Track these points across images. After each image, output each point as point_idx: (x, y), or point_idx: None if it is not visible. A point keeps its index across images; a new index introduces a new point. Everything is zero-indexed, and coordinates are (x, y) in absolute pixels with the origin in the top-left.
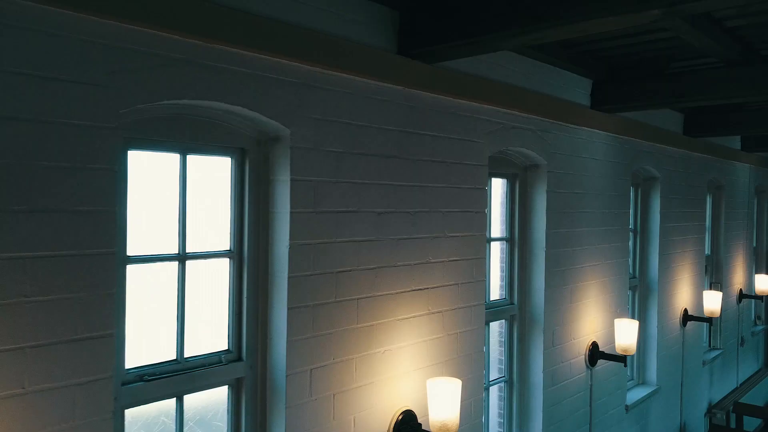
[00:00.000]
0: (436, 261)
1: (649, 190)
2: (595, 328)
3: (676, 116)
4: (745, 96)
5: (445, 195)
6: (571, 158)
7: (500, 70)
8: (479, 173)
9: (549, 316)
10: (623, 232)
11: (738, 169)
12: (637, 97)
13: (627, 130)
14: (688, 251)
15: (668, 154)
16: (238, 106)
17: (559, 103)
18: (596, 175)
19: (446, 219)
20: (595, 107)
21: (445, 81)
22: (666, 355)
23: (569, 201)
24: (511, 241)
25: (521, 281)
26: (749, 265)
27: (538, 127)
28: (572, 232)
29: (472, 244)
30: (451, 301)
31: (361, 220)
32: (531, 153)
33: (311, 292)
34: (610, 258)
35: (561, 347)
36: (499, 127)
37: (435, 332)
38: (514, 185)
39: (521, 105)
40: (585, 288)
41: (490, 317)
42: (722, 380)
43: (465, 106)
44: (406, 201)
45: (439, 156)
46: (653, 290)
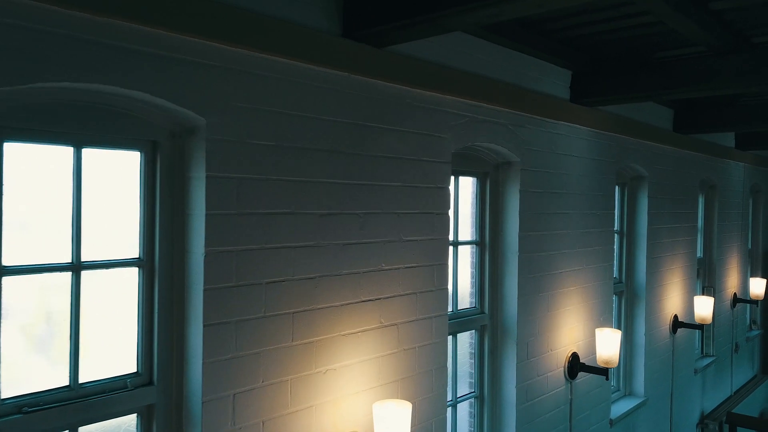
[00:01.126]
0: (390, 268)
1: (636, 190)
2: (576, 338)
3: (666, 112)
4: (734, 86)
5: (400, 195)
6: (548, 155)
7: (466, 58)
8: (441, 171)
9: (523, 326)
10: (607, 235)
11: (732, 167)
12: (619, 90)
13: (611, 126)
14: (678, 254)
15: (657, 151)
16: (139, 91)
17: (534, 95)
18: (577, 174)
19: (402, 221)
20: (576, 101)
21: (400, 68)
22: (655, 364)
23: (545, 201)
24: (481, 245)
25: (492, 288)
26: (744, 267)
27: (510, 121)
28: (549, 234)
29: (432, 249)
30: (407, 312)
31: (298, 223)
32: (502, 149)
33: (233, 306)
34: (592, 262)
35: (537, 359)
36: (465, 120)
37: (388, 347)
38: (485, 184)
39: (490, 97)
40: (564, 295)
41: (457, 328)
42: (715, 389)
43: (424, 97)
44: (353, 201)
45: (393, 151)
46: (640, 296)
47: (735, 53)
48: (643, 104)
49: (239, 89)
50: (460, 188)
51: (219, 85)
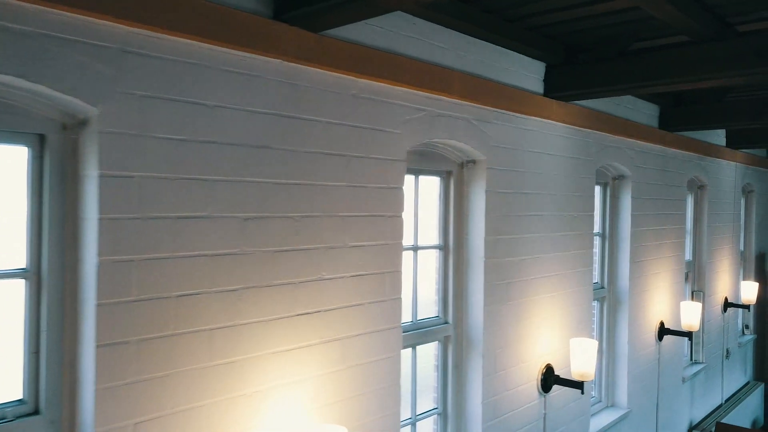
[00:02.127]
0: (333, 277)
1: (619, 190)
2: (551, 348)
3: (651, 108)
4: (718, 77)
5: (345, 196)
6: (519, 153)
7: (422, 46)
8: (394, 170)
9: (490, 337)
10: (586, 238)
11: (723, 167)
12: (595, 83)
13: (590, 122)
14: (664, 257)
15: (641, 149)
16: (12, 76)
17: (502, 88)
18: (551, 173)
19: (347, 225)
20: (549, 94)
21: (341, 54)
22: (639, 374)
23: (515, 202)
24: (445, 250)
25: (457, 296)
26: (735, 270)
27: (474, 116)
28: (519, 238)
29: (384, 255)
30: (353, 325)
31: (216, 229)
32: (465, 146)
33: (134, 323)
34: (569, 267)
35: (506, 372)
36: (422, 114)
37: (330, 365)
38: (449, 184)
39: (451, 89)
40: (537, 303)
41: (417, 339)
42: (705, 397)
43: (373, 88)
44: (286, 203)
45: (336, 147)
46: (623, 302)
47: (719, 42)
48: (626, 100)
49: (140, 75)
50: (421, 188)
51: (115, 71)
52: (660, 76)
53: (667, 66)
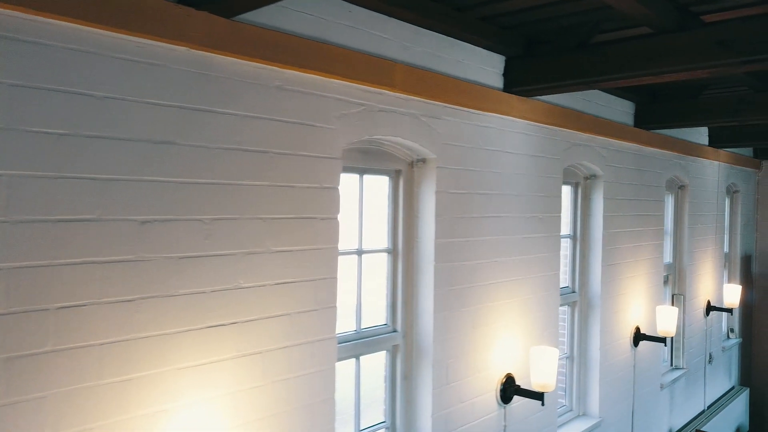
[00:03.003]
0: (253, 285)
1: (591, 190)
2: (512, 357)
3: (625, 105)
4: (681, 69)
5: (267, 196)
6: (475, 151)
7: (360, 35)
8: (328, 168)
9: (441, 346)
10: (552, 240)
11: (705, 166)
12: (553, 77)
13: (556, 119)
14: (641, 260)
15: (615, 148)
16: None
17: (454, 82)
18: (512, 173)
19: (271, 228)
20: (510, 89)
21: (261, 43)
22: (612, 381)
23: (471, 204)
24: (394, 254)
25: (406, 303)
26: (719, 273)
27: (422, 111)
28: (475, 241)
29: (315, 261)
30: (278, 337)
31: (107, 233)
32: (413, 144)
33: (2, 339)
34: (533, 272)
35: (460, 383)
36: (361, 109)
37: (249, 380)
38: (397, 184)
39: (393, 82)
40: (496, 309)
41: (362, 349)
42: (687, 403)
43: (302, 80)
44: (194, 204)
45: (257, 144)
46: (595, 306)
47: (681, 32)
48: (597, 96)
49: (10, 62)
50: (368, 189)
51: None
52: (622, 70)
53: (629, 59)
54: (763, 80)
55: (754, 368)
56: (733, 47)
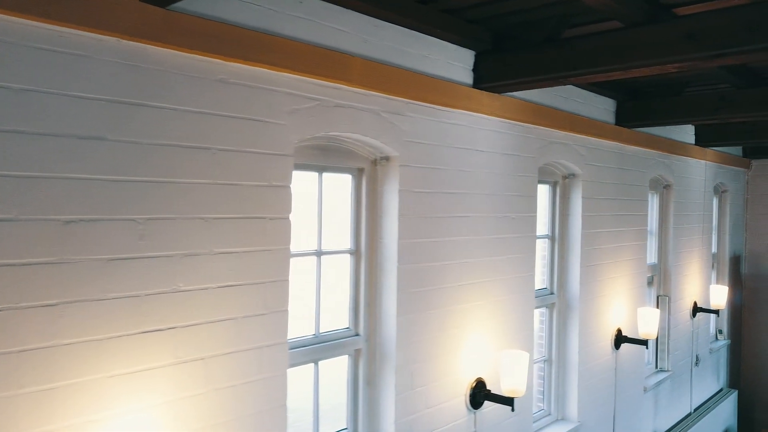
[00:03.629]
0: (193, 288)
1: (569, 190)
2: (484, 361)
3: (606, 103)
4: (649, 63)
5: (209, 195)
6: (442, 149)
7: (314, 27)
8: (278, 165)
9: (405, 350)
10: (527, 241)
11: (692, 165)
12: (523, 72)
13: (530, 116)
14: (622, 261)
15: (594, 146)
16: None
17: (418, 77)
18: (483, 171)
19: (213, 228)
20: (479, 85)
21: (200, 34)
22: (593, 384)
23: (437, 203)
24: (356, 255)
25: (370, 306)
26: (706, 274)
27: (383, 107)
28: (442, 242)
29: (264, 262)
30: (222, 342)
31: (26, 233)
32: (374, 141)
33: None
34: (506, 273)
35: (425, 389)
36: (315, 104)
37: (190, 388)
38: (360, 183)
39: (351, 77)
40: (465, 311)
41: (321, 354)
42: (672, 406)
43: (249, 73)
44: (126, 203)
45: (197, 140)
46: (574, 308)
47: (652, 25)
48: (575, 93)
49: None
50: (328, 187)
51: None
52: (592, 65)
53: (598, 54)
54: (744, 77)
55: (744, 370)
56: (702, 41)
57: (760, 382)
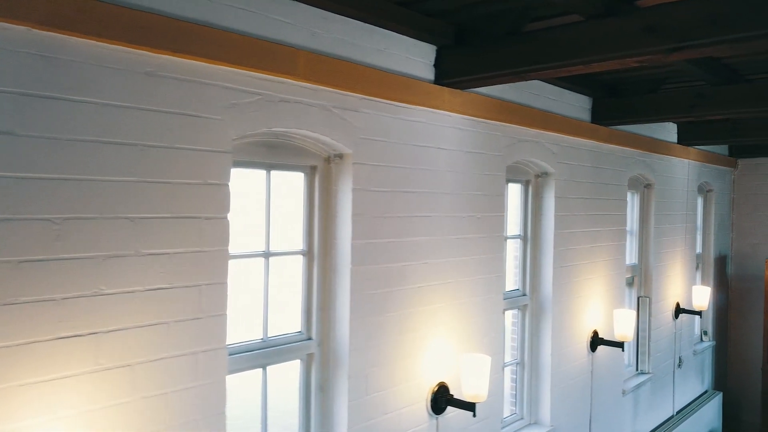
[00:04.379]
0: (117, 292)
1: (542, 189)
2: (447, 364)
3: (581, 100)
4: (609, 57)
5: (136, 193)
6: (400, 147)
7: (255, 19)
8: (214, 162)
9: (359, 355)
10: (495, 241)
11: (674, 164)
12: (486, 67)
13: (496, 113)
14: (599, 261)
15: (568, 144)
16: None
17: (372, 72)
18: (446, 170)
19: (140, 229)
20: (441, 81)
21: (120, 24)
22: (567, 387)
23: (396, 202)
24: (309, 256)
25: (323, 309)
26: (689, 274)
27: (335, 103)
28: (402, 242)
29: (199, 264)
30: (150, 348)
31: None
32: (325, 138)
33: None
34: (472, 274)
35: (382, 394)
36: (256, 99)
37: (115, 396)
38: (312, 181)
39: (296, 71)
40: (426, 314)
41: (270, 359)
42: (653, 409)
43: (177, 66)
44: (39, 202)
45: (122, 135)
46: (546, 310)
47: (611, 18)
48: (548, 90)
49: None
50: (278, 186)
51: None
52: (552, 59)
53: (559, 47)
54: (720, 74)
55: (730, 372)
56: (662, 33)
57: (748, 384)
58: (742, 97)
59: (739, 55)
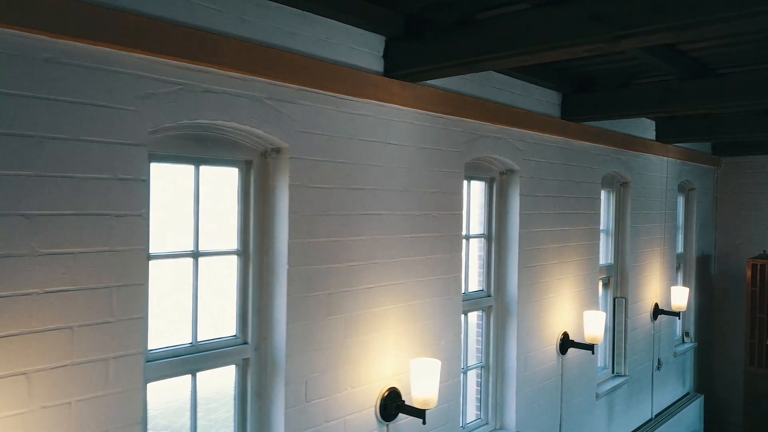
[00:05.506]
0: (11, 294)
1: (507, 186)
2: (397, 370)
3: (550, 95)
4: (555, 46)
5: (33, 188)
6: (343, 141)
7: (176, 5)
8: (126, 156)
9: (298, 360)
10: (453, 241)
11: (652, 162)
12: (436, 57)
13: (453, 108)
14: (570, 261)
15: (535, 141)
16: None
17: (314, 63)
18: (397, 166)
19: (37, 226)
20: (391, 73)
21: (13, 6)
22: (535, 391)
23: (338, 199)
24: (244, 256)
25: (260, 312)
26: (669, 275)
27: (268, 94)
28: (345, 242)
29: (111, 265)
30: (53, 354)
31: None
32: (258, 131)
33: None
34: (427, 274)
35: (325, 401)
36: (175, 88)
37: (9, 406)
38: (248, 177)
39: (222, 60)
40: (376, 316)
41: (202, 364)
42: (629, 412)
43: (82, 52)
44: None
45: (18, 126)
46: (512, 311)
47: (558, 4)
48: (511, 84)
49: None
50: (211, 182)
51: None
52: (501, 49)
53: (508, 37)
54: (688, 68)
55: (714, 373)
56: (606, 21)
57: (732, 386)
58: (713, 91)
59: (707, 48)
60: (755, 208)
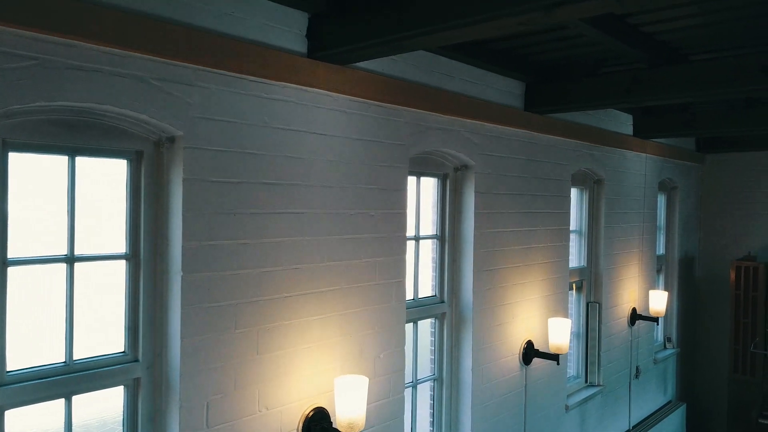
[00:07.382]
0: None
1: (462, 183)
2: (323, 387)
3: (512, 85)
4: (484, 16)
5: None
6: (254, 130)
7: None
8: None
9: (196, 380)
10: (395, 242)
11: (629, 159)
12: (361, 36)
13: (395, 96)
14: (534, 264)
15: (493, 134)
16: None
17: (216, 40)
18: (326, 159)
19: None
20: (315, 54)
21: None
22: (494, 404)
23: (248, 196)
24: (134, 261)
25: (154, 324)
26: (648, 278)
27: (154, 74)
28: (257, 244)
29: None
30: None
31: None
32: (140, 115)
33: None
34: (363, 280)
35: (231, 426)
36: (29, 64)
37: None
38: (138, 170)
39: (91, 32)
40: (298, 329)
41: (81, 385)
42: (604, 424)
43: None
44: None
45: None
46: (467, 319)
47: None
48: (467, 72)
49: None
50: (93, 176)
51: None
52: (429, 23)
53: (435, 10)
54: (657, 54)
55: (698, 379)
56: None
57: (717, 393)
58: (683, 79)
59: (675, 29)
60: (742, 207)
